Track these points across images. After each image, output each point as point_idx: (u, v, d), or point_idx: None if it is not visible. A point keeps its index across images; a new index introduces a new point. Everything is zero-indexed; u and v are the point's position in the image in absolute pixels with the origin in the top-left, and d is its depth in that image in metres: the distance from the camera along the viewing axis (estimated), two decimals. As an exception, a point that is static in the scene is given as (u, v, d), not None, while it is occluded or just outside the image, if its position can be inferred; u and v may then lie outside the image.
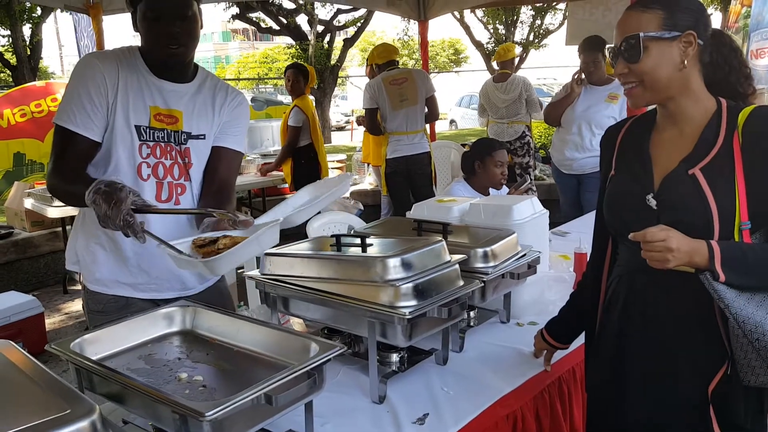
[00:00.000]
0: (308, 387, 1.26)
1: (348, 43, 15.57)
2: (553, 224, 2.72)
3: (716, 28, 1.41)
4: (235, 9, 13.93)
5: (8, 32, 11.80)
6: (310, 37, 14.69)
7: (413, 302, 1.49)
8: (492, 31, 17.02)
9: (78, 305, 4.85)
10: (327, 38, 15.10)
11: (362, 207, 5.54)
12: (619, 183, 1.45)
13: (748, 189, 1.27)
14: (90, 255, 1.82)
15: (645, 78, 1.34)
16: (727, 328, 1.28)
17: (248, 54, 31.25)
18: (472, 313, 2.01)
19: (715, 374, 1.32)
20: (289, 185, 5.61)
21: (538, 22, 17.13)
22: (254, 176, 5.85)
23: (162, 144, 1.78)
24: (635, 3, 1.37)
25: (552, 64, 20.02)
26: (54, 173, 1.71)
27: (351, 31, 16.40)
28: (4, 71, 14.33)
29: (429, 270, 1.57)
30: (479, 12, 16.00)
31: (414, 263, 1.55)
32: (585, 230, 2.46)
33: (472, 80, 18.88)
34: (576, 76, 4.13)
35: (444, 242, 1.68)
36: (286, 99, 15.15)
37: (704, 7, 1.38)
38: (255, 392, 1.15)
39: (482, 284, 1.75)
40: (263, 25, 15.52)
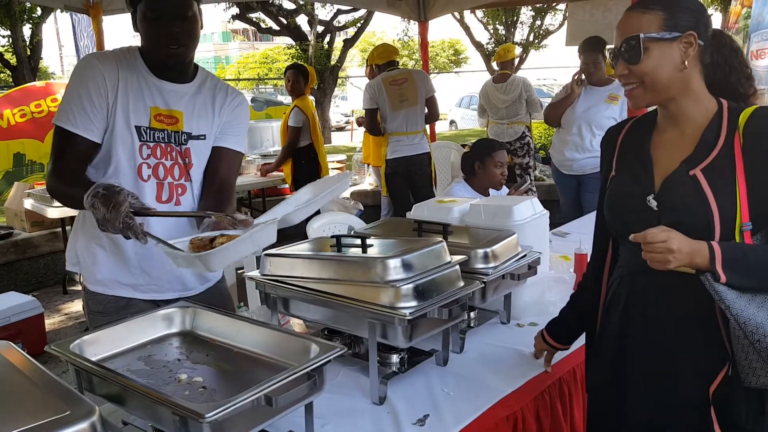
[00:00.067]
0: (308, 388, 1.25)
1: (348, 44, 15.58)
2: (553, 225, 2.72)
3: (717, 29, 1.40)
4: (235, 9, 13.93)
5: (8, 32, 11.80)
6: (310, 38, 14.69)
7: (413, 303, 1.49)
8: (492, 32, 17.03)
9: (78, 306, 4.84)
10: (327, 39, 15.10)
11: (362, 207, 5.54)
12: (620, 184, 1.45)
13: (749, 190, 1.27)
14: (90, 256, 1.82)
15: (645, 79, 1.33)
16: (728, 329, 1.27)
17: (248, 54, 31.27)
18: (473, 314, 2.01)
19: (716, 375, 1.32)
20: (290, 186, 5.61)
21: (538, 23, 17.14)
22: (254, 177, 5.86)
23: (162, 144, 1.78)
24: (635, 4, 1.37)
25: (552, 65, 20.03)
26: (53, 174, 1.71)
27: (351, 32, 16.41)
28: (4, 71, 14.34)
29: (429, 271, 1.57)
30: (479, 12, 16.00)
31: (414, 264, 1.55)
32: (585, 231, 2.46)
33: (472, 81, 18.88)
34: (576, 77, 4.13)
35: (444, 243, 1.68)
36: (286, 99, 15.16)
37: (705, 8, 1.37)
38: (255, 393, 1.14)
39: (482, 285, 1.75)
40: (263, 26, 15.53)
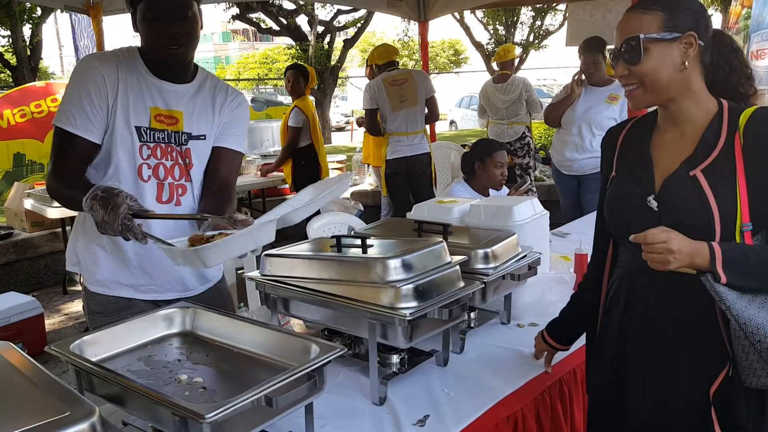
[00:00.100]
0: (309, 389, 1.25)
1: (348, 44, 15.58)
2: (553, 225, 2.72)
3: (717, 29, 1.40)
4: (235, 9, 13.93)
5: (8, 32, 11.81)
6: (310, 38, 14.69)
7: (414, 303, 1.49)
8: (492, 32, 17.03)
9: (78, 306, 4.84)
10: (327, 39, 15.10)
11: (362, 208, 5.54)
12: (620, 184, 1.45)
13: (750, 190, 1.27)
14: (91, 256, 1.82)
15: (646, 79, 1.33)
16: (729, 330, 1.27)
17: (248, 54, 31.29)
18: (473, 315, 2.01)
19: (717, 376, 1.32)
20: (290, 186, 5.61)
21: (538, 23, 17.14)
22: (254, 177, 5.86)
23: (162, 145, 1.78)
24: (635, 4, 1.37)
25: (552, 65, 20.02)
26: (53, 175, 1.71)
27: (351, 32, 16.41)
28: (4, 71, 14.34)
29: (429, 271, 1.57)
30: (479, 13, 16.00)
31: (414, 264, 1.54)
32: (585, 231, 2.46)
33: (472, 81, 18.88)
34: (576, 77, 4.13)
35: (444, 243, 1.68)
36: (286, 99, 15.16)
37: (705, 8, 1.37)
38: (255, 394, 1.14)
39: (483, 285, 1.75)
40: (263, 26, 15.53)
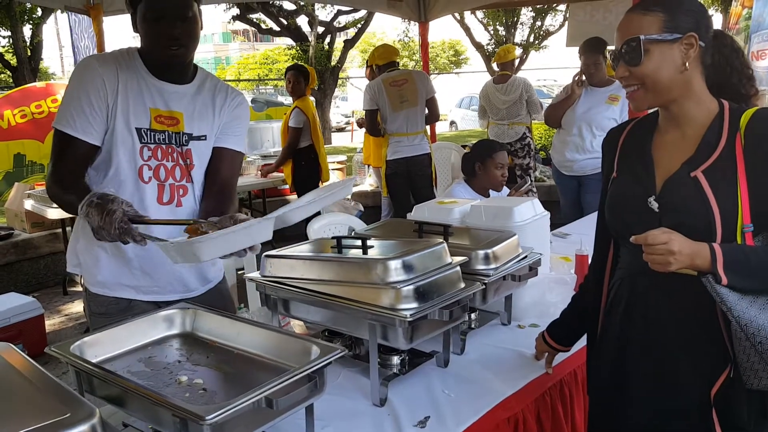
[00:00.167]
0: (309, 390, 1.25)
1: (348, 45, 15.58)
2: (554, 226, 2.71)
3: (718, 29, 1.40)
4: (236, 10, 13.93)
5: (8, 33, 11.82)
6: (311, 39, 14.69)
7: (414, 304, 1.49)
8: (492, 33, 17.03)
9: (78, 306, 4.84)
10: (327, 39, 15.11)
11: (362, 208, 5.54)
12: (621, 185, 1.45)
13: (751, 191, 1.27)
14: (92, 257, 1.82)
15: (646, 81, 1.33)
16: (730, 331, 1.27)
17: (248, 55, 31.29)
18: (473, 316, 2.01)
19: (718, 377, 1.31)
20: (290, 186, 5.61)
21: (539, 24, 17.13)
22: (255, 177, 5.86)
23: (163, 146, 1.77)
24: (636, 5, 1.37)
25: (552, 66, 20.02)
26: (52, 178, 1.71)
27: (351, 33, 16.42)
28: (5, 72, 14.35)
29: (430, 272, 1.57)
30: (479, 13, 16.01)
31: (415, 265, 1.54)
32: (586, 232, 2.45)
33: (473, 81, 18.89)
34: (576, 78, 4.13)
35: (445, 244, 1.67)
36: (287, 100, 15.18)
37: (705, 9, 1.37)
38: (256, 396, 1.14)
39: (483, 286, 1.75)
40: (263, 27, 15.53)
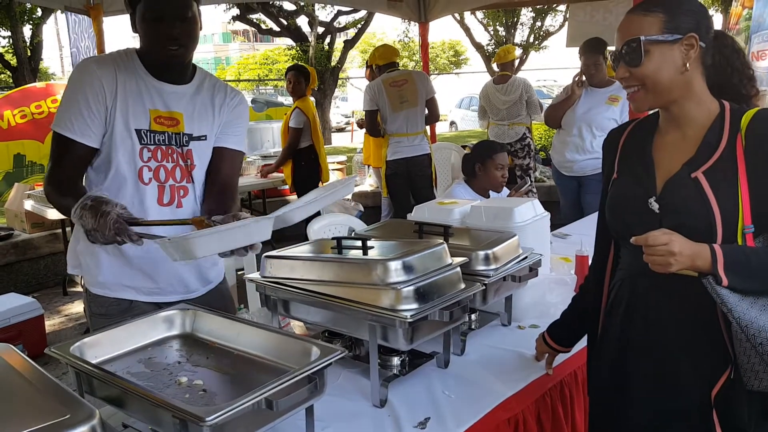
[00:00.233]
0: (309, 391, 1.25)
1: (348, 45, 15.59)
2: (554, 226, 2.71)
3: (718, 30, 1.40)
4: (236, 10, 13.94)
5: (8, 33, 11.82)
6: (311, 39, 14.69)
7: (414, 305, 1.49)
8: (492, 33, 17.04)
9: (78, 307, 4.84)
10: (327, 40, 15.11)
11: (362, 209, 5.53)
12: (622, 186, 1.45)
13: (752, 192, 1.27)
14: (92, 258, 1.81)
15: (647, 82, 1.33)
16: (730, 332, 1.27)
17: (248, 55, 31.29)
18: (474, 316, 2.01)
19: (718, 378, 1.31)
20: (290, 187, 5.60)
21: (539, 24, 17.14)
22: (255, 178, 5.86)
23: (163, 147, 1.77)
24: (636, 6, 1.37)
25: (552, 66, 20.02)
26: (50, 180, 1.71)
27: (351, 33, 16.42)
28: (5, 72, 14.35)
29: (430, 273, 1.56)
30: (479, 14, 16.02)
31: (415, 266, 1.54)
32: (586, 232, 2.45)
33: (473, 82, 18.90)
34: (577, 78, 4.13)
35: (445, 245, 1.67)
36: (287, 100, 15.18)
37: (706, 10, 1.37)
38: (256, 397, 1.14)
39: (483, 287, 1.75)
40: (263, 27, 15.53)
